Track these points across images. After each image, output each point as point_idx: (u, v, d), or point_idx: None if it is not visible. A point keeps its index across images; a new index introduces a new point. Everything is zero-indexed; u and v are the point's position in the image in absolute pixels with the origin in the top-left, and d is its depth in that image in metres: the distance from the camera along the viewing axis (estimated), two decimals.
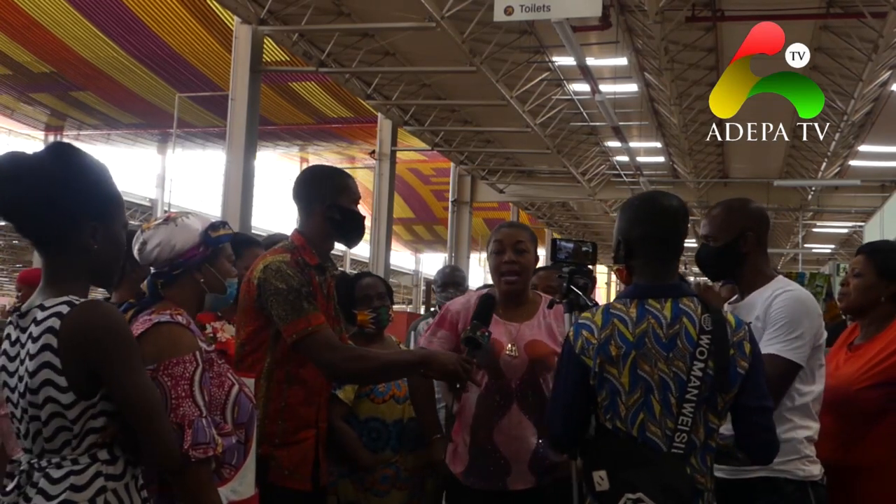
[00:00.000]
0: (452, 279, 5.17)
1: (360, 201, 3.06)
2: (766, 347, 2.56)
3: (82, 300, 1.91)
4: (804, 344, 2.62)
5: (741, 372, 2.22)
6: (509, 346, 3.01)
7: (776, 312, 2.66)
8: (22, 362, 1.90)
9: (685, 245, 2.41)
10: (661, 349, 2.21)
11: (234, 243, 3.38)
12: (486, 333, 2.81)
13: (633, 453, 2.18)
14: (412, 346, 4.12)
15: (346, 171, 3.20)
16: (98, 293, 2.64)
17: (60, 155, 1.96)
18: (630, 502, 2.11)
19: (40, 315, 1.89)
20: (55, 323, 1.86)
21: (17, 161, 1.93)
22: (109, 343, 1.88)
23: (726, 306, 2.89)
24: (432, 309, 8.84)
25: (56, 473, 1.88)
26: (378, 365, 2.92)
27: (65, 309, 1.88)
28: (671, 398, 2.19)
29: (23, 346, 1.90)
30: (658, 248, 2.33)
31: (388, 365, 3.03)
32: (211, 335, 3.19)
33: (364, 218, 3.06)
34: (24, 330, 1.91)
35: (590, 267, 2.99)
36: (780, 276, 2.86)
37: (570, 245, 2.96)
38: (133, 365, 1.92)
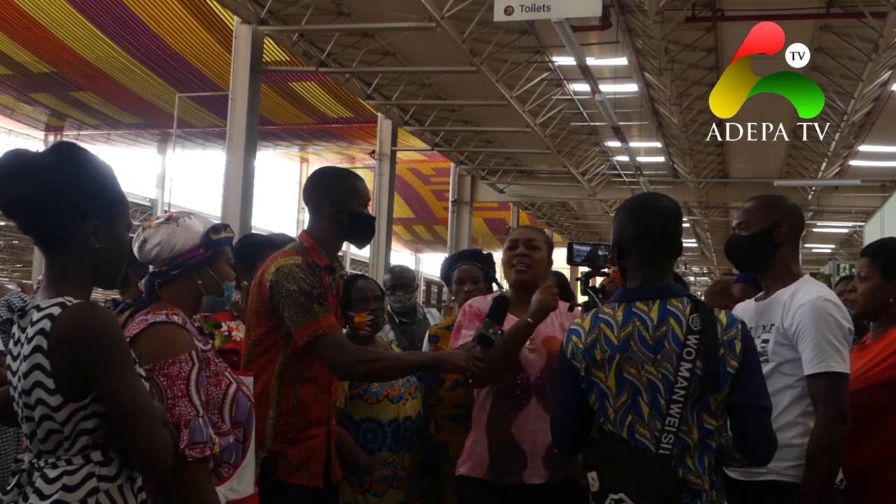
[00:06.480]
0: (401, 281, 4.85)
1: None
2: (814, 367, 2.56)
3: (75, 301, 1.89)
4: (845, 348, 2.60)
5: (731, 371, 2.20)
6: (528, 340, 3.03)
7: (804, 328, 2.61)
8: (20, 363, 1.90)
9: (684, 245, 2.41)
10: (648, 351, 2.21)
11: (253, 245, 3.39)
12: (499, 332, 2.85)
13: (623, 455, 2.19)
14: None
15: None
16: (99, 293, 2.64)
17: (64, 153, 1.95)
18: (613, 502, 2.13)
19: (35, 316, 1.88)
20: (46, 325, 1.85)
21: (21, 159, 1.92)
22: (99, 346, 1.85)
23: (753, 304, 2.86)
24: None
25: (52, 473, 1.88)
26: (388, 366, 2.98)
27: (56, 311, 1.86)
28: (660, 400, 2.19)
29: (21, 346, 1.90)
30: (648, 250, 2.32)
31: (399, 366, 3.08)
32: (226, 333, 3.20)
33: (373, 220, 3.08)
34: (23, 330, 1.91)
35: (605, 270, 3.00)
36: (807, 276, 2.80)
37: (587, 248, 2.96)
38: (124, 368, 1.88)
